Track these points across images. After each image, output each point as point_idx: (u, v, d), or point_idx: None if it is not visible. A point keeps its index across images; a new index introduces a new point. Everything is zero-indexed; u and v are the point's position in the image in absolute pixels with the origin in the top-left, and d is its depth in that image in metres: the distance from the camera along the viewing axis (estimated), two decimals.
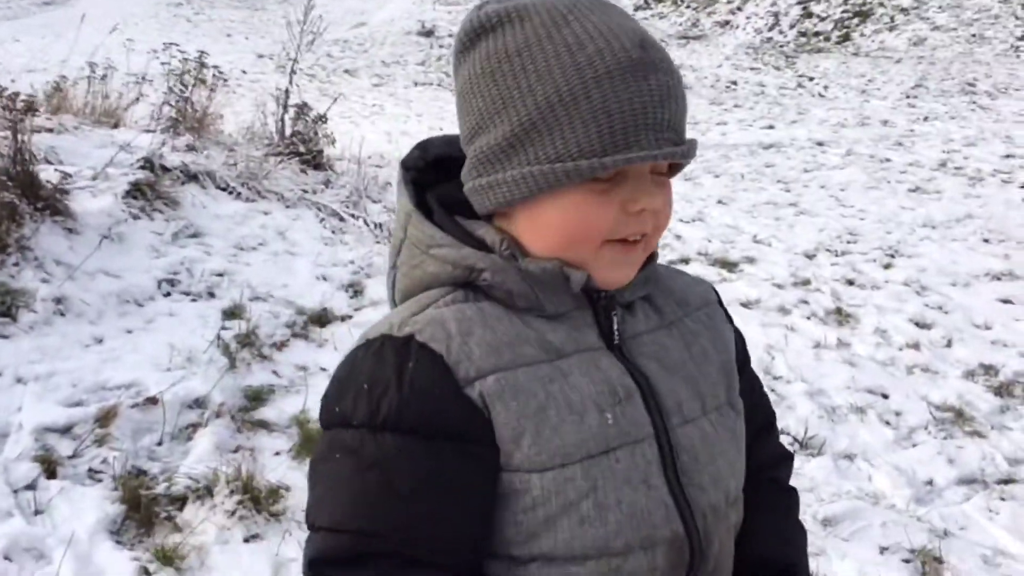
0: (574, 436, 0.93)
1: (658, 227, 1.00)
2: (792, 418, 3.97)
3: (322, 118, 7.58)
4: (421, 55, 21.25)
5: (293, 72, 7.41)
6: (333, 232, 6.09)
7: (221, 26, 24.94)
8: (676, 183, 1.03)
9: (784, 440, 3.74)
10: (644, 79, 0.91)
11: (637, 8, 23.85)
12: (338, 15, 26.44)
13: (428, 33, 23.24)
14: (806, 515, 3.25)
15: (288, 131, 7.64)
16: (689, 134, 0.96)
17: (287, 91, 7.22)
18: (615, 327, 1.02)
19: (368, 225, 6.26)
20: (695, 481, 1.00)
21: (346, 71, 19.46)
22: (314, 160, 7.62)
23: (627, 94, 0.90)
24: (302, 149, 7.46)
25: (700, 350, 1.09)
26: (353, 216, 6.35)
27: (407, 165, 1.09)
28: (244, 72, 16.83)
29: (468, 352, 0.93)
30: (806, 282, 5.78)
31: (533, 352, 0.96)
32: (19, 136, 4.64)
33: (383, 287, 4.44)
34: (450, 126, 12.96)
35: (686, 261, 6.19)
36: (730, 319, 1.20)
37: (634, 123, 0.91)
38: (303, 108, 7.74)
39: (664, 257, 6.22)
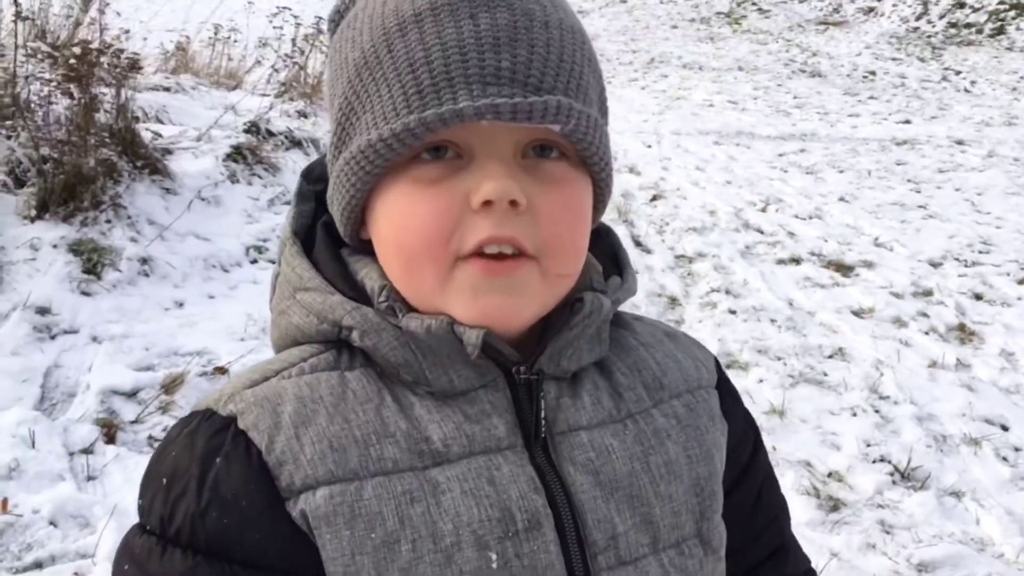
0: None
1: (551, 240, 0.70)
2: (896, 445, 3.62)
3: None
4: None
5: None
6: None
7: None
8: (795, 177, 0.74)
9: (884, 470, 3.43)
10: (469, 17, 0.67)
11: None
12: None
13: None
14: (900, 557, 2.93)
15: None
16: (814, 125, 0.66)
17: None
18: (542, 414, 0.73)
19: None
20: None
21: None
22: None
23: (437, 38, 0.67)
24: None
25: (664, 460, 0.77)
26: None
27: (313, 175, 0.83)
28: None
29: (297, 451, 0.68)
30: (928, 293, 5.33)
31: (397, 455, 0.69)
32: (122, 93, 4.67)
33: None
34: None
35: (797, 261, 5.81)
36: (734, 403, 0.89)
37: (446, 73, 0.66)
38: None
39: (772, 256, 5.92)
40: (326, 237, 0.79)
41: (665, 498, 0.76)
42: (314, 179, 0.83)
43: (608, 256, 0.84)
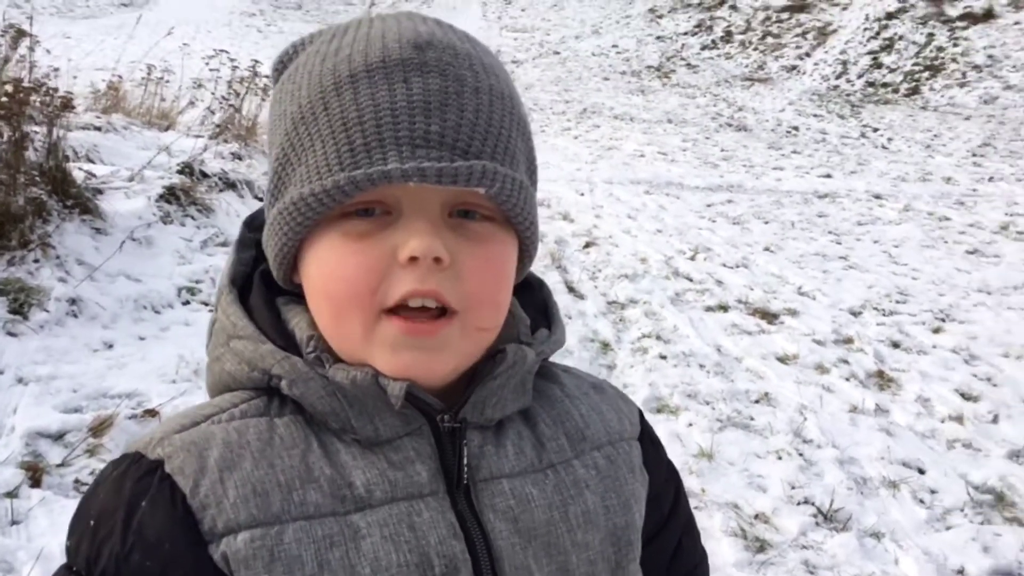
0: None
1: (473, 296, 0.72)
2: (819, 487, 3.73)
3: None
4: None
5: None
6: None
7: (290, 38, 25.03)
8: (723, 227, 0.78)
9: (807, 511, 3.53)
10: (402, 82, 0.70)
11: (704, 47, 23.65)
12: None
13: None
14: None
15: None
16: (741, 177, 0.70)
17: None
18: (464, 461, 0.75)
19: None
20: None
21: None
22: None
23: (371, 100, 0.70)
24: None
25: (582, 509, 0.79)
26: None
27: (255, 224, 0.84)
28: None
29: (220, 495, 0.69)
30: (848, 340, 5.52)
31: (319, 500, 0.71)
32: (54, 132, 4.62)
33: None
34: None
35: (724, 308, 5.97)
36: (656, 453, 0.91)
37: (377, 134, 0.69)
38: None
39: (701, 303, 6.07)
40: (261, 285, 0.81)
41: (582, 547, 0.77)
42: (255, 228, 0.84)
43: (539, 308, 0.87)
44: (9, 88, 4.41)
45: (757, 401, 4.58)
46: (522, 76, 21.38)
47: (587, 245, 7.33)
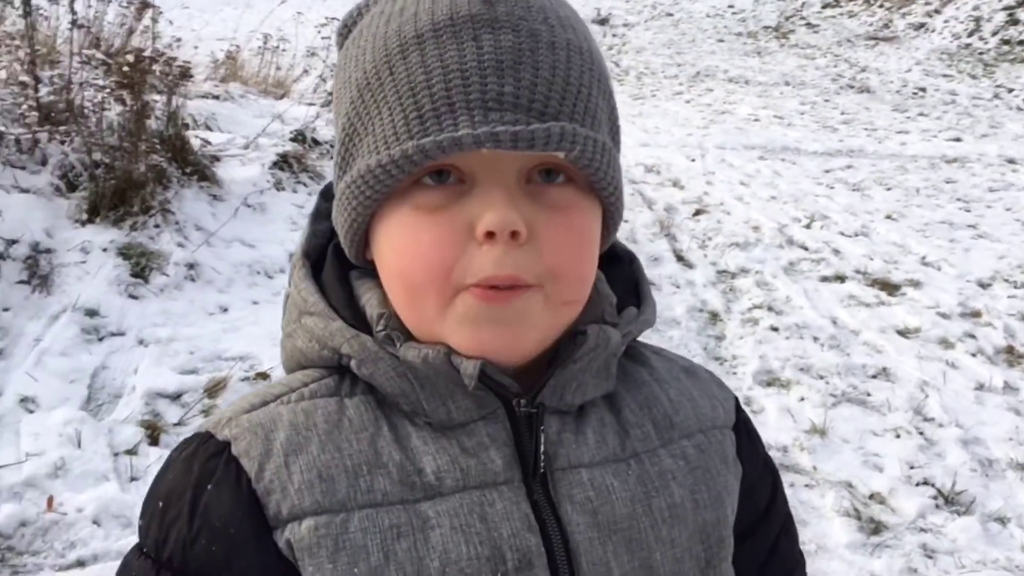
0: None
1: (555, 268, 0.67)
2: (939, 468, 3.56)
3: None
4: None
5: None
6: None
7: None
8: (841, 193, 0.67)
9: (927, 493, 3.36)
10: (472, 40, 0.65)
11: (825, 5, 22.71)
12: None
13: (603, 21, 22.95)
14: None
15: None
16: (862, 141, 0.61)
17: None
18: (541, 449, 0.70)
19: None
20: None
21: None
22: None
23: (439, 61, 0.64)
24: None
25: (667, 503, 0.73)
26: None
27: (331, 194, 0.79)
28: None
29: (285, 479, 0.67)
30: (976, 314, 5.23)
31: (387, 487, 0.67)
32: (173, 100, 4.76)
33: None
34: None
35: (841, 278, 5.74)
36: (752, 446, 0.84)
37: (447, 98, 0.64)
38: None
39: (817, 273, 5.85)
40: (335, 259, 0.77)
41: (667, 543, 0.72)
42: (331, 198, 0.79)
43: (628, 285, 0.81)
44: (131, 59, 4.55)
45: (874, 376, 4.39)
46: (633, 39, 20.99)
47: (697, 212, 7.16)
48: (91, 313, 3.81)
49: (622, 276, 0.81)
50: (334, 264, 0.77)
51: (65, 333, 3.65)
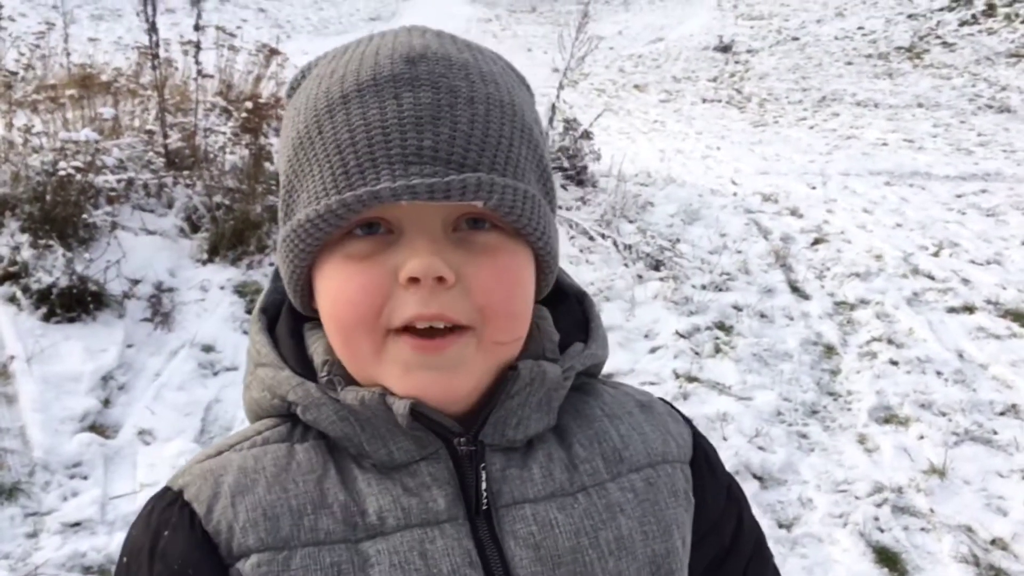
0: None
1: (485, 309, 0.69)
2: None
3: (587, 134, 7.53)
4: (714, 71, 20.77)
5: (561, 87, 7.41)
6: (580, 251, 5.99)
7: (524, 41, 25.88)
8: (974, 219, 0.63)
9: None
10: (393, 98, 0.68)
11: (963, 23, 21.73)
12: (637, 30, 26.59)
13: (725, 48, 22.69)
14: None
15: (555, 146, 7.67)
16: (999, 164, 0.58)
17: (553, 106, 7.23)
18: (483, 486, 0.72)
19: (616, 246, 6.10)
20: None
21: (635, 86, 19.45)
22: (577, 176, 7.60)
23: (362, 120, 0.68)
24: (566, 164, 7.46)
25: (615, 535, 0.73)
26: (603, 236, 6.22)
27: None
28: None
29: (231, 519, 0.69)
30: None
31: (330, 526, 0.69)
32: (259, 139, 4.97)
33: (618, 310, 4.25)
34: (730, 145, 12.51)
35: (970, 309, 5.43)
36: (713, 478, 0.84)
37: (369, 153, 0.67)
38: (571, 123, 7.74)
39: (943, 303, 5.56)
40: (289, 314, 0.80)
41: (614, 574, 0.72)
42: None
43: (578, 323, 0.82)
44: (249, 104, 4.78)
45: (1002, 413, 4.13)
46: (756, 65, 20.65)
47: (816, 242, 6.94)
48: (207, 349, 4.00)
49: (571, 314, 0.82)
50: (287, 318, 0.79)
51: (183, 368, 3.84)
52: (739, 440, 3.80)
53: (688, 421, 0.86)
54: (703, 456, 0.84)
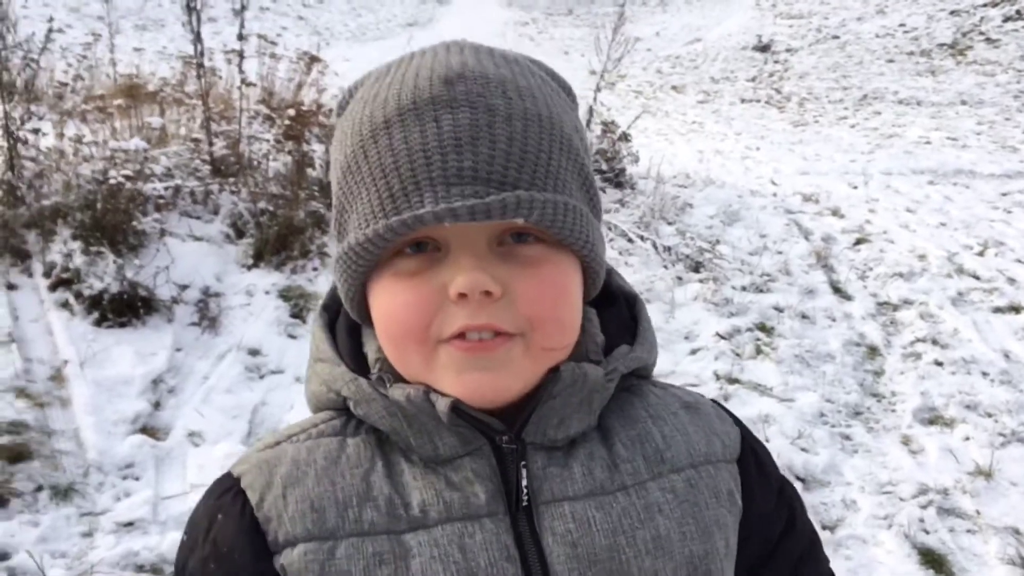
0: None
1: (532, 318, 0.72)
2: None
3: (625, 136, 7.54)
4: (753, 71, 20.62)
5: (598, 89, 7.42)
6: (620, 253, 5.99)
7: (561, 44, 25.89)
8: (1020, 218, 0.60)
9: None
10: (433, 121, 0.70)
11: (1007, 19, 21.36)
12: (674, 31, 26.47)
13: (764, 48, 22.52)
14: None
15: (593, 149, 7.68)
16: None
17: (591, 109, 7.25)
18: (524, 483, 0.74)
19: (656, 248, 6.10)
20: None
21: (673, 87, 19.37)
22: (616, 178, 7.61)
23: (404, 144, 0.70)
24: (604, 167, 7.47)
25: (652, 535, 0.75)
26: (642, 238, 6.22)
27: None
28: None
29: (281, 509, 0.74)
30: None
31: (374, 518, 0.73)
32: (301, 146, 5.04)
33: (658, 312, 4.28)
34: (769, 145, 12.42)
35: (1016, 309, 5.36)
36: (762, 477, 0.85)
37: (412, 177, 0.69)
38: (609, 126, 7.75)
39: (989, 303, 5.49)
40: (347, 312, 0.83)
41: (650, 574, 0.74)
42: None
43: (626, 325, 0.85)
44: (292, 112, 4.86)
45: None
46: (796, 64, 20.47)
47: (858, 242, 6.88)
48: (254, 352, 4.07)
49: (620, 316, 0.85)
50: (346, 316, 0.83)
51: (230, 371, 3.92)
52: (781, 442, 3.79)
53: (737, 421, 0.88)
54: (751, 455, 0.86)
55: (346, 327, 0.83)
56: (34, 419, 3.40)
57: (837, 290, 5.80)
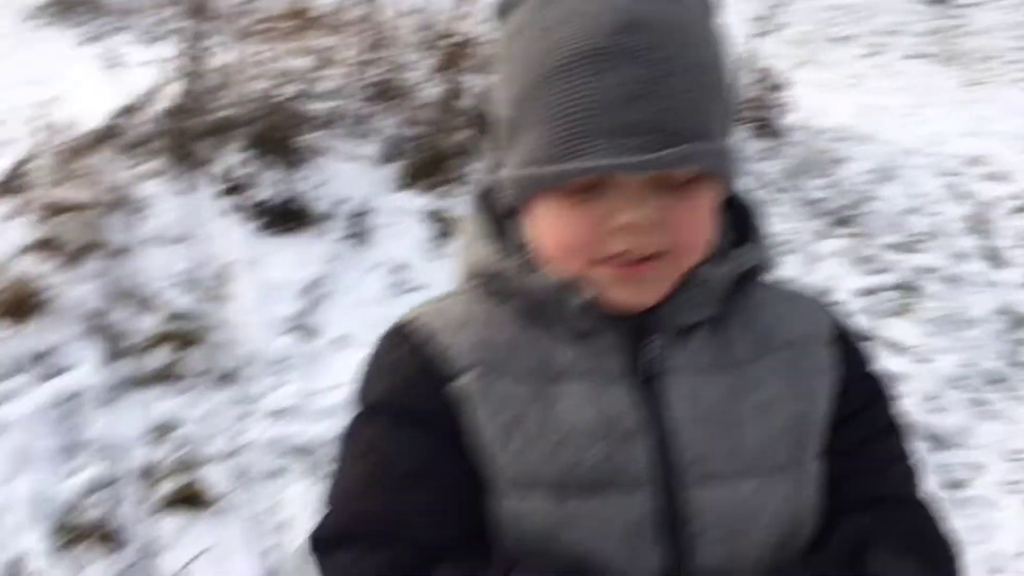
0: (542, 464, 0.83)
1: (680, 242, 0.82)
2: None
3: (780, 86, 7.36)
4: (923, 25, 19.47)
5: (755, 37, 7.24)
6: (764, 203, 5.93)
7: None
8: None
9: None
10: (609, 71, 0.76)
11: None
12: None
13: (940, 0, 21.21)
14: None
15: (746, 96, 7.54)
16: None
17: (746, 56, 7.09)
18: (646, 356, 0.86)
19: (802, 201, 5.99)
20: (706, 556, 0.83)
21: (835, 39, 18.54)
22: (767, 127, 7.45)
23: (578, 93, 0.77)
24: (756, 115, 7.33)
25: (760, 400, 0.87)
26: (789, 189, 6.12)
27: None
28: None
29: (452, 347, 0.88)
30: None
31: (527, 364, 0.86)
32: (484, 81, 5.17)
33: (798, 264, 4.37)
34: (935, 104, 11.79)
35: None
36: (853, 356, 0.95)
37: (583, 128, 0.77)
38: (764, 74, 7.58)
39: None
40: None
41: (761, 430, 0.86)
42: None
43: (745, 226, 0.93)
44: (447, 42, 5.00)
45: None
46: (976, 20, 19.21)
47: (1022, 209, 6.54)
48: (399, 268, 4.29)
49: (742, 219, 0.94)
50: (503, 201, 0.93)
51: (376, 284, 4.15)
52: (914, 400, 3.74)
53: (836, 313, 0.97)
54: (846, 339, 0.95)
55: (502, 211, 0.93)
56: (202, 311, 3.73)
57: (991, 257, 5.57)
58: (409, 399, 0.88)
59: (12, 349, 3.30)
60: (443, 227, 4.58)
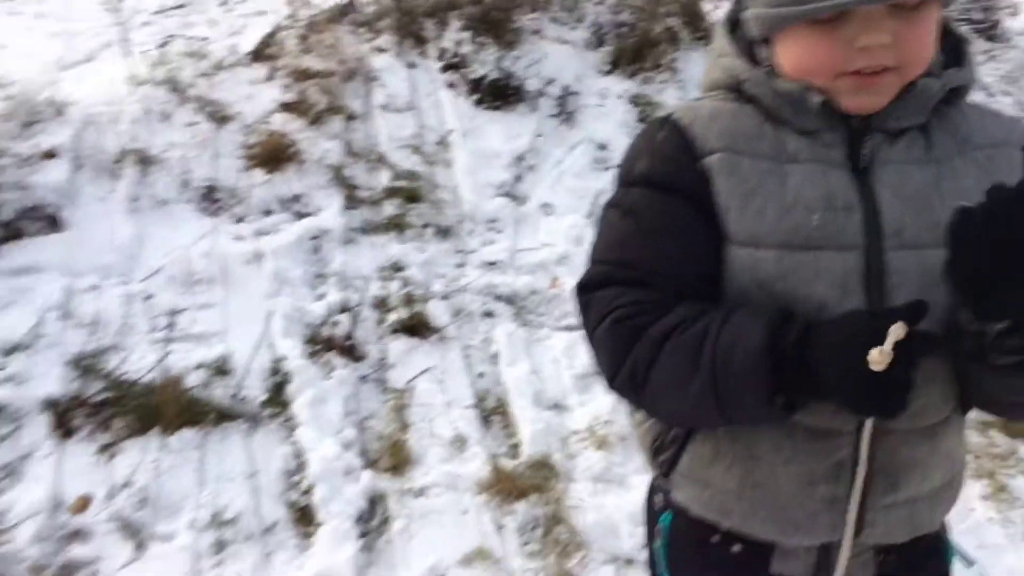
0: (772, 224, 1.02)
1: (909, 58, 1.00)
2: None
3: None
4: None
5: None
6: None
7: None
8: None
9: None
10: None
11: None
12: None
13: None
14: None
15: None
16: None
17: None
18: (863, 151, 1.04)
19: (1018, 106, 5.77)
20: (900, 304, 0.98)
21: None
22: (990, 29, 7.09)
23: None
24: (977, 16, 6.98)
25: (955, 187, 1.04)
26: (1006, 93, 5.89)
27: None
28: None
29: (706, 132, 1.07)
30: None
31: (764, 149, 1.05)
32: None
33: None
34: None
35: None
36: None
37: None
38: None
39: None
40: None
41: (950, 210, 0.94)
42: None
43: (957, 52, 1.11)
44: None
45: None
46: None
47: None
48: (602, 147, 4.55)
49: (954, 47, 1.13)
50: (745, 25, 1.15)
51: (580, 160, 4.44)
52: None
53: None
54: None
55: (741, 34, 1.15)
56: (425, 172, 4.15)
57: None
58: (668, 171, 1.09)
59: (271, 191, 3.84)
60: (645, 111, 4.78)
